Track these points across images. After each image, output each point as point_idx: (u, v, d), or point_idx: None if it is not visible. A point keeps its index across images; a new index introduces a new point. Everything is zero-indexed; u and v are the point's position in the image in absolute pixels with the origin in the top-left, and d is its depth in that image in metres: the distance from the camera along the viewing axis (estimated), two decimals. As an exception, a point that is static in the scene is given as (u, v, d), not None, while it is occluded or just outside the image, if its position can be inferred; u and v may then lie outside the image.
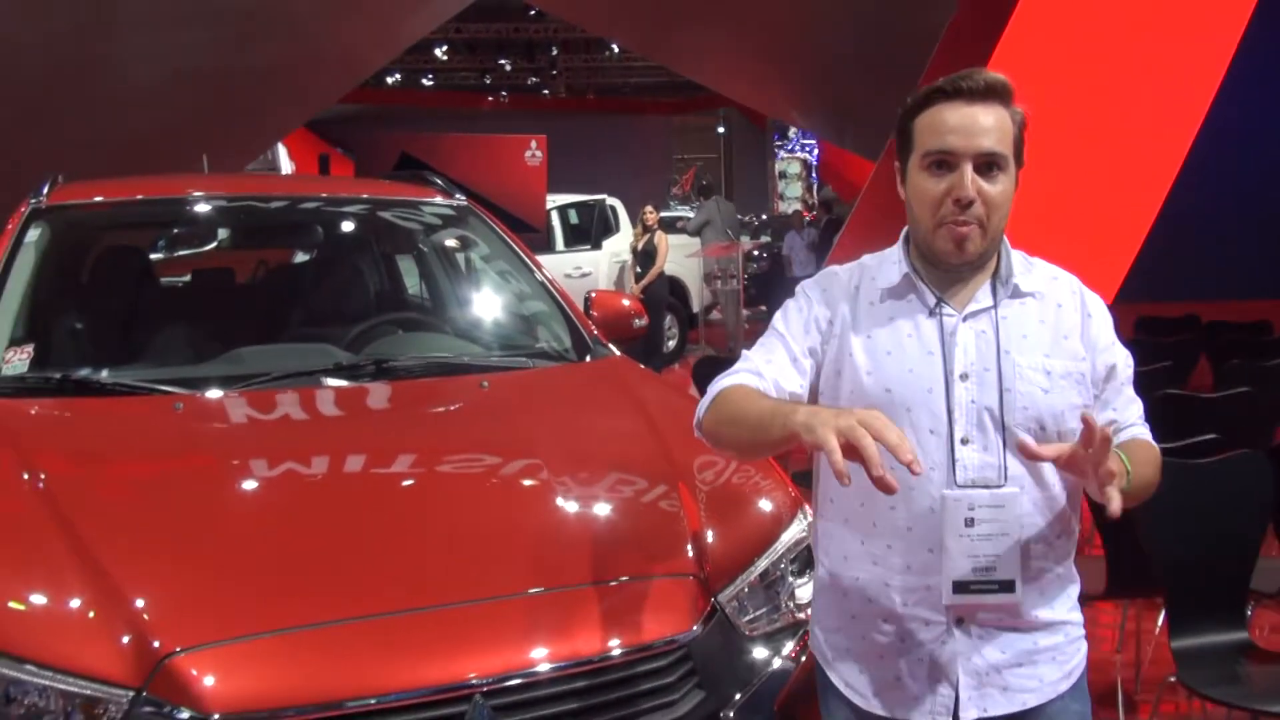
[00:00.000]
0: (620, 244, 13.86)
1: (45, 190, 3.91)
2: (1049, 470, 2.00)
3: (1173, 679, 3.25)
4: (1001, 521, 1.96)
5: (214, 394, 3.17)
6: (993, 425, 1.98)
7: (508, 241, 4.21)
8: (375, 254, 4.79)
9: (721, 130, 33.41)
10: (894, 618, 2.04)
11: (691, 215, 15.52)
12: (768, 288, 17.27)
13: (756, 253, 18.42)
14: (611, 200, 14.48)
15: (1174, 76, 6.39)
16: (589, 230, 14.28)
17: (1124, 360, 2.10)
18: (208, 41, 11.30)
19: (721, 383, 2.08)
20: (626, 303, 4.17)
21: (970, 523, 1.95)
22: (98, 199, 4.11)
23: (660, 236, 12.67)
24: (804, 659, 2.53)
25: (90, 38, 10.64)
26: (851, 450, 1.71)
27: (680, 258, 13.74)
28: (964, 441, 1.98)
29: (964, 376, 2.00)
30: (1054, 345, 2.04)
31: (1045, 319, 2.06)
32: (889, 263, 2.11)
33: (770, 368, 2.08)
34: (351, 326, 3.76)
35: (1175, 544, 3.35)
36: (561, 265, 13.02)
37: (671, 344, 13.75)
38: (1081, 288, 2.13)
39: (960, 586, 1.96)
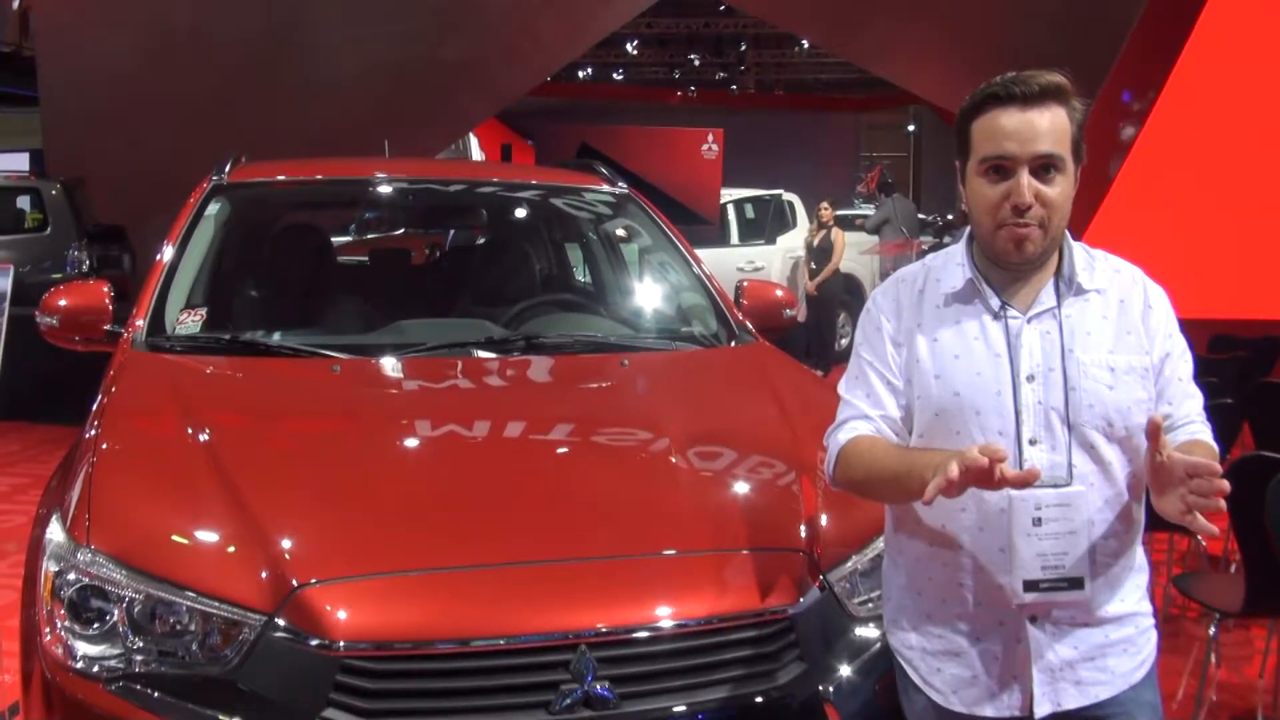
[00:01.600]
0: (795, 240, 13.82)
1: (227, 167, 4.20)
2: (1116, 467, 2.03)
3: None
4: (1069, 520, 1.99)
5: (370, 359, 3.39)
6: (1060, 425, 2.02)
7: (663, 227, 4.33)
8: (543, 237, 5.00)
9: (912, 129, 32.87)
10: (967, 618, 2.10)
11: (870, 213, 15.37)
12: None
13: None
14: (789, 196, 14.46)
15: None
16: (764, 225, 14.29)
17: (1181, 353, 2.11)
18: (401, 35, 11.71)
19: (838, 437, 2.17)
20: (779, 293, 4.23)
21: (1038, 522, 1.98)
22: (278, 177, 4.40)
23: (837, 233, 12.60)
24: None
25: (284, 30, 11.16)
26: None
27: (855, 254, 13.63)
28: (1032, 442, 2.02)
29: (1030, 378, 2.03)
30: (1117, 341, 2.06)
31: (1108, 315, 2.08)
32: (953, 264, 2.14)
33: (872, 404, 2.15)
34: (512, 306, 3.95)
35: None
36: (734, 260, 13.07)
37: (844, 341, 13.65)
38: (1144, 279, 2.14)
39: (1030, 585, 1.99)
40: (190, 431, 2.81)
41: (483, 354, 3.50)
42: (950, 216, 28.24)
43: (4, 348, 3.29)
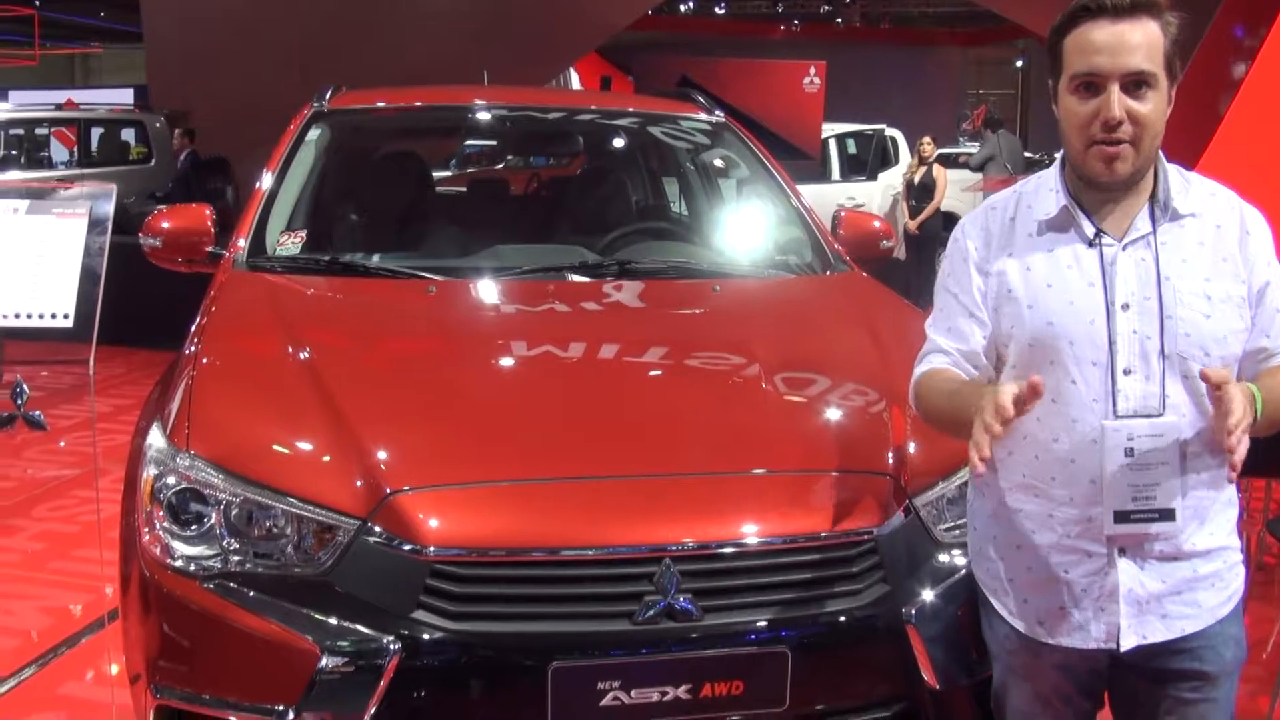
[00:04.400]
0: (897, 176, 13.61)
1: (328, 95, 4.26)
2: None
3: None
4: (1161, 450, 1.97)
5: (465, 281, 3.45)
6: (1155, 354, 1.98)
7: (760, 156, 4.30)
8: (640, 166, 5.01)
9: (1020, 64, 32.06)
10: (1057, 549, 2.07)
11: (974, 151, 15.06)
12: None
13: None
14: (892, 131, 14.24)
15: None
16: (866, 161, 14.09)
17: None
18: (503, -33, 11.68)
19: (916, 371, 2.22)
20: (877, 224, 4.18)
21: (1130, 453, 1.97)
22: (377, 104, 4.45)
23: (938, 170, 12.35)
24: None
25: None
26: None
27: (957, 192, 13.38)
28: (1126, 372, 1.99)
29: (1125, 306, 2.00)
30: (1214, 268, 2.02)
31: (1204, 241, 2.03)
32: (1046, 190, 2.10)
33: (952, 338, 2.15)
34: (607, 234, 3.98)
35: None
36: (834, 195, 12.93)
37: (944, 280, 13.45)
38: (1241, 204, 2.09)
39: (1121, 516, 1.98)
40: (289, 346, 2.88)
41: (577, 278, 3.54)
42: (1058, 155, 27.43)
43: (107, 275, 3.38)
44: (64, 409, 6.75)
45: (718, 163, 4.78)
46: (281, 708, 2.24)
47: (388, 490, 2.34)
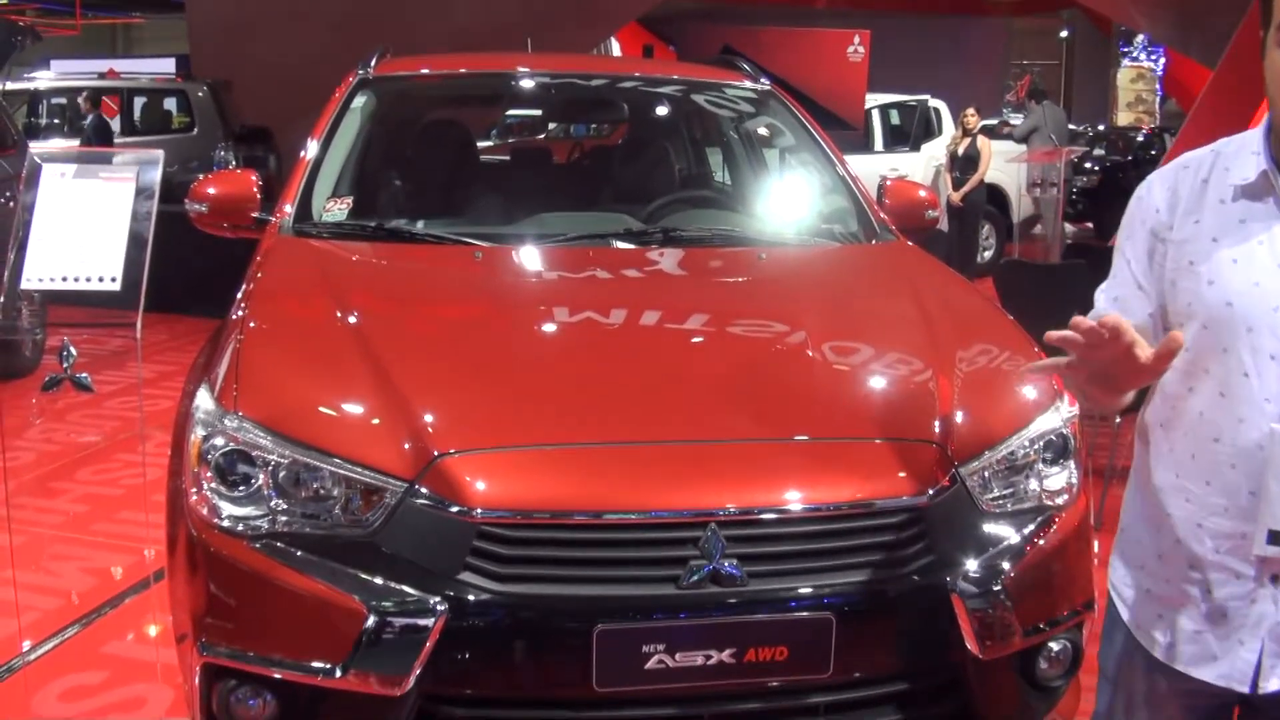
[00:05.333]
0: (941, 148, 13.48)
1: (373, 61, 4.26)
2: None
3: None
4: None
5: (510, 247, 3.46)
6: None
7: (804, 123, 4.28)
8: (684, 135, 5.00)
9: (1064, 35, 31.62)
10: (1201, 564, 1.84)
11: (1018, 122, 14.89)
12: (1096, 204, 16.37)
13: (1088, 165, 17.45)
14: (935, 102, 14.09)
15: None
16: (909, 132, 13.96)
17: None
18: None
19: None
20: (922, 193, 4.16)
21: None
22: (422, 70, 4.46)
23: (983, 141, 12.21)
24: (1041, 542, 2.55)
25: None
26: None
27: (1001, 163, 13.23)
28: None
29: None
30: None
31: None
32: (1248, 152, 1.82)
33: (1117, 309, 1.89)
34: (651, 202, 3.97)
35: None
36: (878, 166, 12.78)
37: (988, 254, 13.33)
38: None
39: (1276, 537, 1.73)
40: (336, 310, 2.89)
41: (622, 245, 3.54)
42: (1101, 127, 27.22)
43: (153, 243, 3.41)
44: (108, 374, 6.82)
45: (762, 130, 4.75)
46: (328, 666, 2.26)
47: (435, 453, 2.35)
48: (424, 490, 2.32)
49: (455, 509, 2.28)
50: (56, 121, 13.57)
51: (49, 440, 6.02)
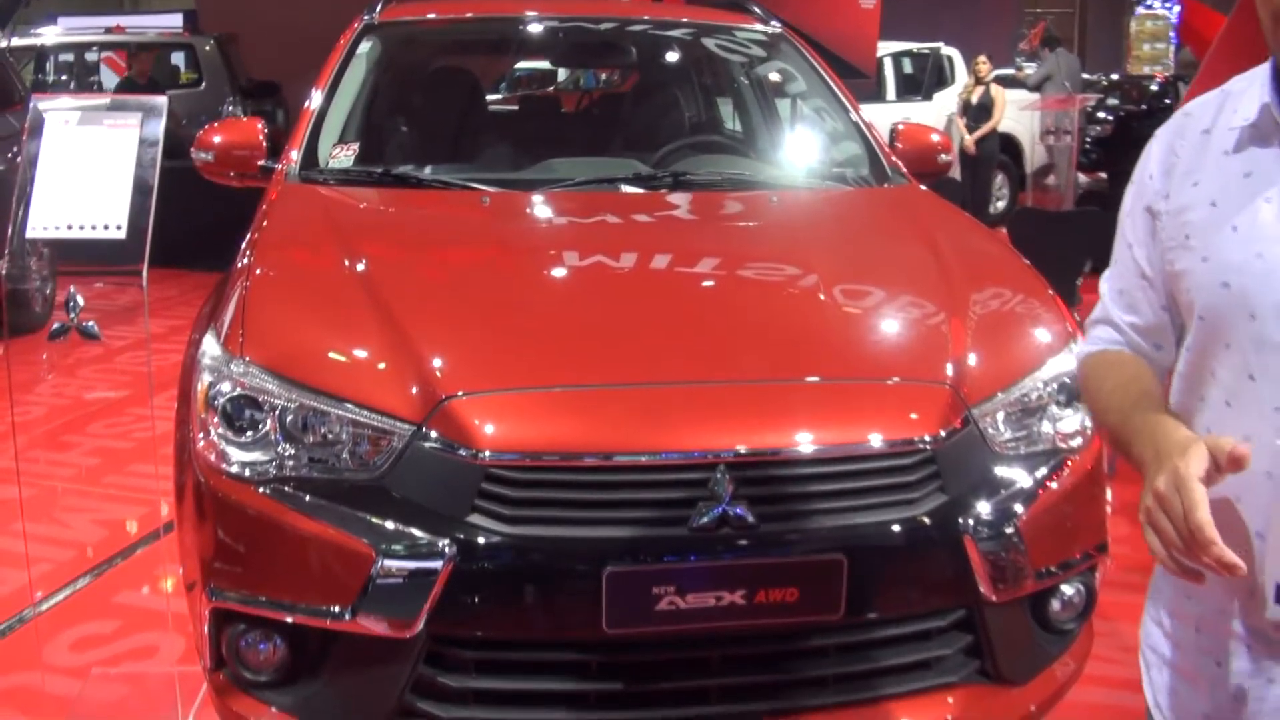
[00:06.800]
0: (953, 97, 13.34)
1: (379, 7, 4.22)
2: None
3: None
4: None
5: (519, 192, 3.43)
6: None
7: (816, 67, 4.24)
8: (693, 80, 4.96)
9: (1079, -19, 31.28)
10: (1207, 625, 1.49)
11: (1031, 70, 14.73)
12: (1110, 154, 16.20)
13: (1102, 114, 17.26)
14: (948, 50, 13.93)
15: None
16: (921, 81, 13.81)
17: None
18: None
19: (1083, 345, 1.70)
20: (935, 137, 4.11)
21: None
22: (428, 15, 4.41)
23: (996, 90, 12.10)
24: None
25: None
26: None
27: (1013, 112, 13.10)
28: None
29: None
30: None
31: None
32: (1256, 86, 1.47)
33: (1123, 306, 1.61)
34: (661, 148, 3.94)
35: None
36: (890, 116, 12.61)
37: (1001, 204, 13.24)
38: None
39: None
40: (343, 255, 2.87)
41: (631, 189, 3.51)
42: (1116, 76, 26.90)
43: (158, 197, 3.37)
44: (117, 329, 6.82)
45: (774, 75, 4.70)
46: (337, 609, 2.25)
47: (443, 396, 2.33)
48: (432, 433, 2.30)
49: (463, 451, 2.27)
50: (64, 78, 13.51)
51: (59, 395, 6.04)
